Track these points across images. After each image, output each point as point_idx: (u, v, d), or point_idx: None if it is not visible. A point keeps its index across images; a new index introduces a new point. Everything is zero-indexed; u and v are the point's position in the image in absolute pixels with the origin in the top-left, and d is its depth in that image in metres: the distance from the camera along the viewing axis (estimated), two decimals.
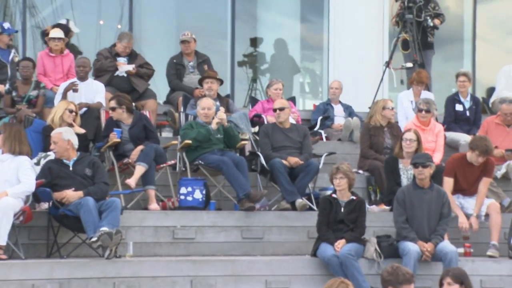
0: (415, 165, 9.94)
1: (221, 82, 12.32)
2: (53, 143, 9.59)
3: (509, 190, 11.40)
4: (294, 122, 11.93)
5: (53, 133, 9.70)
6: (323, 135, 12.97)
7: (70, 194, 9.24)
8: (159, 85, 13.49)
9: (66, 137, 9.57)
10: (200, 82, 12.34)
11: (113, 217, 9.08)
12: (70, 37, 13.42)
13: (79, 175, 9.45)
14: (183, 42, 13.02)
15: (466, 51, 16.83)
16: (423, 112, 11.70)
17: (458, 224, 10.31)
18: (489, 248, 10.25)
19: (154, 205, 10.42)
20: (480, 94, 14.91)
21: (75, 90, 11.54)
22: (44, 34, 13.23)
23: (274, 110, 11.40)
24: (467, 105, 12.94)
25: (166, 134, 12.42)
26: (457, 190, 10.52)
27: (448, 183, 10.45)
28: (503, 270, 10.07)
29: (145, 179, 10.47)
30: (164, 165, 10.85)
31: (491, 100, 13.73)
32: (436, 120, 12.55)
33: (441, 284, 7.55)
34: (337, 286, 6.81)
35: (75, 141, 9.66)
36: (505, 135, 11.82)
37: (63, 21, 13.57)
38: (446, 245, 9.70)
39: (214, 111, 11.13)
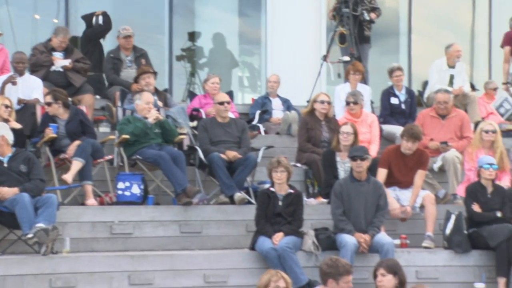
0: (353, 158, 10.01)
1: (155, 74, 12.27)
2: None
3: (445, 181, 11.52)
4: (232, 116, 11.95)
5: None
6: (261, 129, 13.02)
7: (5, 191, 9.13)
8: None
9: (0, 133, 9.45)
10: (136, 78, 12.26)
11: (49, 213, 9.02)
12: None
13: (14, 172, 9.34)
14: (125, 37, 12.90)
15: (402, 45, 17.02)
16: (351, 105, 11.91)
17: (390, 211, 10.45)
18: (424, 239, 10.39)
19: (91, 201, 10.35)
20: (416, 87, 15.07)
21: (14, 83, 11.44)
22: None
23: (221, 103, 11.34)
24: (403, 98, 13.08)
25: (104, 129, 12.32)
26: (392, 182, 10.65)
27: (381, 173, 10.58)
28: (438, 260, 10.22)
29: (82, 175, 10.39)
30: (102, 160, 10.78)
31: (425, 95, 13.86)
32: (373, 112, 12.69)
33: (375, 275, 7.66)
34: (270, 277, 6.88)
35: (10, 137, 9.55)
36: (440, 127, 11.93)
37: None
38: (382, 236, 9.81)
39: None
